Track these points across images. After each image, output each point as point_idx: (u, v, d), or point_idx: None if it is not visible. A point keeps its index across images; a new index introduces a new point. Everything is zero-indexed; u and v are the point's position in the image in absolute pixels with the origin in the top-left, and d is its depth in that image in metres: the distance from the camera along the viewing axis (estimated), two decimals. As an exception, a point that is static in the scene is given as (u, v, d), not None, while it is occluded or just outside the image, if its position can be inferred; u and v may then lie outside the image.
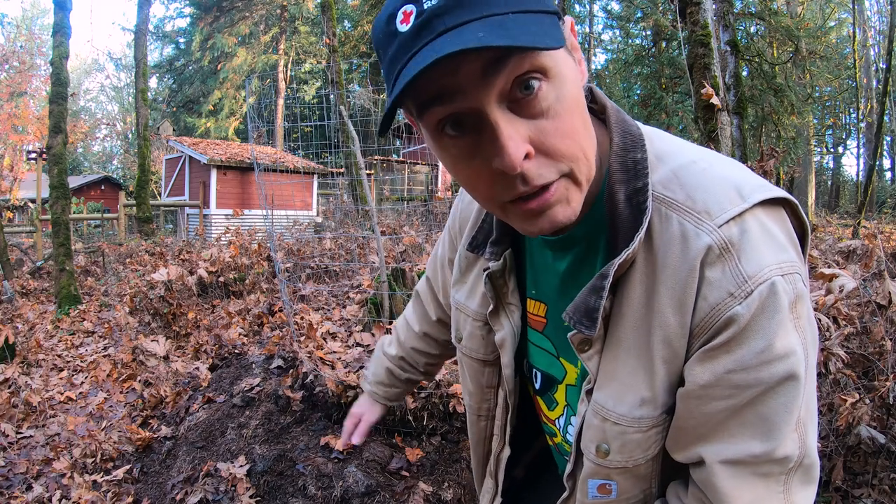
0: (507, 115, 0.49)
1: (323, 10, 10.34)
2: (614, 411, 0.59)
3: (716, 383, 0.53)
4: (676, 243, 0.54)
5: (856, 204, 13.38)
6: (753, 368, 0.52)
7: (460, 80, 0.47)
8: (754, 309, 0.51)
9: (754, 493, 0.55)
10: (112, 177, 28.29)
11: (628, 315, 0.58)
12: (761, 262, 0.51)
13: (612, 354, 0.59)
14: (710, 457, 0.56)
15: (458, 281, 0.82)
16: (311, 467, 2.44)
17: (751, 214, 0.53)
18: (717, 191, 0.55)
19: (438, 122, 0.51)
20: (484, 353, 0.79)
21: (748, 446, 0.54)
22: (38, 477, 2.76)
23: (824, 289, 1.97)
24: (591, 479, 0.64)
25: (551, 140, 0.50)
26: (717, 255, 0.52)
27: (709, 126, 3.86)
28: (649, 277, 0.56)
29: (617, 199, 0.57)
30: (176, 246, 9.50)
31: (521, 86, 0.48)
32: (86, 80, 41.08)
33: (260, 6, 26.30)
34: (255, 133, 4.92)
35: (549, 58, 0.49)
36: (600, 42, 24.73)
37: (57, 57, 6.60)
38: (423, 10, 0.46)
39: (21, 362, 4.32)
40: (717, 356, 0.53)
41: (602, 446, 0.61)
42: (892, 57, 8.54)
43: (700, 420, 0.56)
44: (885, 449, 1.91)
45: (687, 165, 0.58)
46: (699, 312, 0.53)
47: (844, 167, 29.57)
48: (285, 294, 4.00)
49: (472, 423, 0.87)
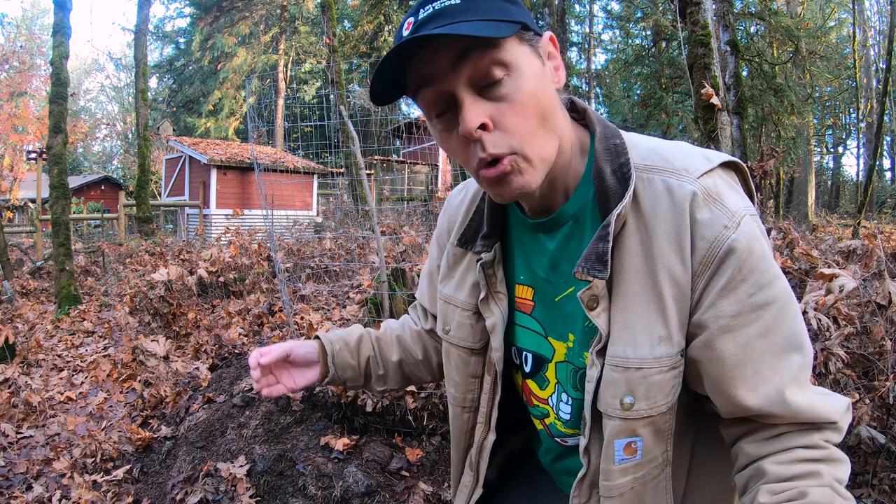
0: (473, 96, 0.63)
1: (323, 10, 10.34)
2: (634, 357, 0.65)
3: (742, 310, 0.62)
4: (663, 196, 0.65)
5: (856, 204, 13.38)
6: (767, 286, 0.62)
7: (436, 68, 0.63)
8: (747, 236, 0.62)
9: (814, 389, 0.65)
10: (112, 177, 28.29)
11: (629, 266, 0.66)
12: (736, 204, 0.64)
13: (620, 306, 0.66)
14: (775, 393, 0.62)
15: (446, 276, 0.90)
16: (311, 467, 2.44)
17: (718, 171, 0.67)
18: (688, 157, 0.68)
19: (430, 104, 0.66)
20: (472, 342, 0.85)
21: (790, 362, 0.63)
22: (38, 477, 2.76)
23: (824, 289, 1.97)
24: (618, 438, 0.68)
25: (506, 119, 0.63)
26: (703, 200, 0.63)
27: (709, 126, 3.86)
28: (641, 231, 0.66)
29: (605, 174, 0.68)
30: (176, 246, 9.50)
31: (487, 76, 0.62)
32: (86, 80, 41.08)
33: (260, 6, 26.30)
34: (255, 133, 4.92)
35: (509, 55, 0.62)
36: (600, 42, 24.71)
37: (57, 57, 6.60)
38: (418, 20, 0.63)
39: (21, 362, 4.32)
40: (736, 286, 0.62)
41: (626, 399, 0.66)
42: (892, 57, 8.54)
43: (740, 357, 0.63)
44: (885, 449, 1.91)
45: (658, 145, 0.71)
46: (699, 251, 0.63)
47: (844, 167, 29.57)
48: (285, 294, 4.00)
49: (456, 416, 0.91)
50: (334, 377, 0.99)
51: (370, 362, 1.01)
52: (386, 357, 1.03)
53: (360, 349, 1.01)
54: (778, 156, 2.83)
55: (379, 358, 1.02)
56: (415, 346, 1.04)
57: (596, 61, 25.96)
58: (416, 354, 1.03)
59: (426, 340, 1.03)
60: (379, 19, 24.12)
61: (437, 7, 0.62)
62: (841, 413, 0.66)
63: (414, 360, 1.03)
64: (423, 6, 0.63)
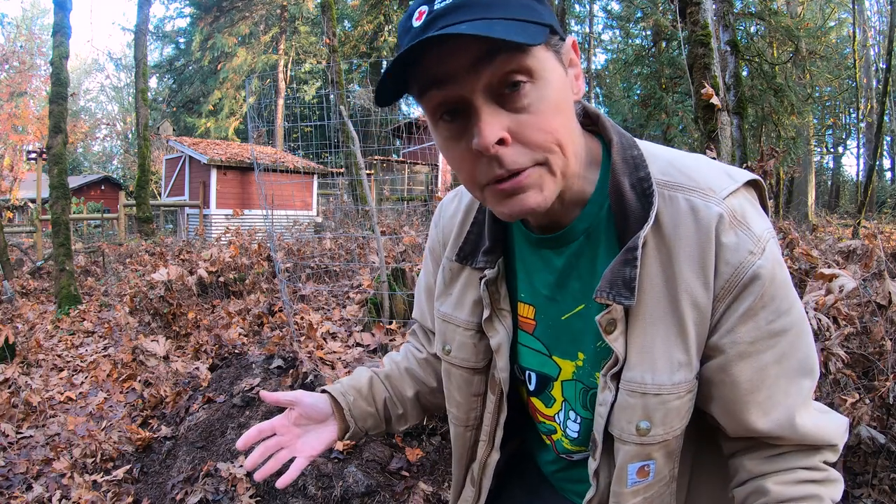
0: (490, 105, 0.57)
1: (323, 10, 10.34)
2: (652, 383, 0.63)
3: (760, 336, 0.61)
4: (687, 216, 0.62)
5: (856, 204, 13.38)
6: (785, 312, 0.61)
7: (452, 68, 0.56)
8: (770, 262, 0.60)
9: (818, 409, 0.67)
10: (112, 177, 28.28)
11: (648, 289, 0.63)
12: (761, 226, 0.62)
13: (638, 330, 0.63)
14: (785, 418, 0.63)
15: (443, 293, 0.84)
16: (310, 467, 2.44)
17: (741, 192, 0.64)
18: (712, 174, 0.65)
19: (436, 107, 0.59)
20: (475, 362, 0.80)
21: (801, 387, 0.64)
22: (38, 477, 2.76)
23: (824, 289, 1.97)
24: (632, 462, 0.66)
25: (528, 132, 0.57)
26: (729, 223, 0.60)
27: (709, 126, 3.85)
28: (662, 252, 0.62)
29: (623, 188, 0.64)
30: (176, 246, 9.50)
31: (507, 83, 0.56)
32: (86, 80, 41.09)
33: (260, 6, 26.29)
34: (255, 133, 4.92)
35: (535, 61, 0.56)
36: (600, 42, 24.70)
37: (57, 57, 6.60)
38: (432, 10, 0.56)
39: (21, 362, 4.32)
40: (756, 312, 0.61)
41: (642, 424, 0.64)
42: (892, 57, 8.54)
43: (755, 383, 0.62)
44: (885, 449, 1.91)
45: (678, 157, 0.67)
46: (722, 275, 0.61)
47: (844, 167, 29.54)
48: (285, 294, 4.01)
49: (458, 436, 0.87)
50: (356, 431, 0.89)
51: (387, 404, 0.94)
52: (401, 394, 0.95)
53: (374, 394, 0.93)
54: (778, 156, 2.83)
55: (395, 397, 0.95)
56: (426, 374, 0.96)
57: (596, 61, 25.96)
58: (430, 383, 0.96)
59: (436, 366, 0.95)
60: (379, 19, 24.12)
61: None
62: (841, 435, 0.68)
63: (429, 390, 0.96)
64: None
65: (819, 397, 2.02)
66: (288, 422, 0.85)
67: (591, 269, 0.68)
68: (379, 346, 3.40)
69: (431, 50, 0.55)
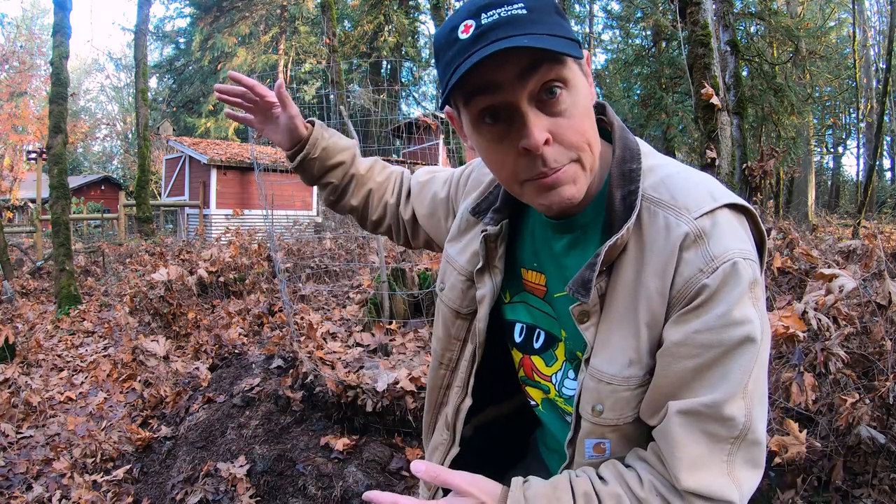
0: (534, 110, 0.65)
1: (323, 10, 10.34)
2: (607, 372, 0.70)
3: (684, 342, 0.64)
4: (661, 232, 0.68)
5: (856, 204, 13.37)
6: (715, 330, 0.63)
7: (501, 77, 0.63)
8: (719, 281, 0.63)
9: (700, 450, 0.64)
10: (112, 177, 28.30)
11: (621, 292, 0.70)
12: (726, 247, 0.65)
13: (606, 325, 0.71)
14: (670, 409, 0.66)
15: (455, 238, 0.94)
16: (311, 467, 2.44)
17: (720, 212, 0.67)
18: (695, 193, 0.69)
19: (480, 112, 0.66)
20: (459, 306, 0.90)
21: (701, 398, 0.64)
22: (38, 477, 2.76)
23: (824, 289, 1.97)
24: (588, 438, 0.74)
25: (566, 133, 0.66)
26: (692, 241, 0.65)
27: (709, 126, 3.85)
28: (639, 261, 0.69)
29: (614, 198, 0.71)
30: (176, 246, 9.50)
31: (547, 90, 0.64)
32: (86, 80, 41.06)
33: (260, 6, 26.30)
34: (255, 133, 4.91)
35: (569, 72, 0.65)
36: (600, 42, 24.70)
37: (57, 57, 6.60)
38: (481, 24, 0.62)
39: (21, 362, 4.32)
40: (688, 319, 0.65)
41: (597, 406, 0.71)
42: (892, 57, 8.54)
43: (671, 379, 0.66)
44: (885, 449, 1.91)
45: (672, 175, 0.72)
46: (676, 285, 0.66)
47: (844, 167, 29.50)
48: (285, 294, 4.01)
49: (433, 370, 0.96)
50: (310, 150, 1.08)
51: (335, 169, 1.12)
52: (355, 169, 1.13)
53: (337, 145, 1.11)
54: (778, 156, 2.83)
55: (341, 169, 1.13)
56: (379, 194, 1.14)
57: (596, 61, 25.92)
58: (373, 201, 1.14)
59: (385, 200, 1.14)
60: (379, 19, 24.15)
61: (503, 14, 0.62)
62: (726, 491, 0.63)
63: (367, 203, 1.15)
64: (484, 10, 0.63)
65: (819, 397, 2.02)
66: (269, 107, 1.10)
67: (578, 262, 0.74)
68: (379, 346, 3.40)
69: (482, 60, 0.60)
